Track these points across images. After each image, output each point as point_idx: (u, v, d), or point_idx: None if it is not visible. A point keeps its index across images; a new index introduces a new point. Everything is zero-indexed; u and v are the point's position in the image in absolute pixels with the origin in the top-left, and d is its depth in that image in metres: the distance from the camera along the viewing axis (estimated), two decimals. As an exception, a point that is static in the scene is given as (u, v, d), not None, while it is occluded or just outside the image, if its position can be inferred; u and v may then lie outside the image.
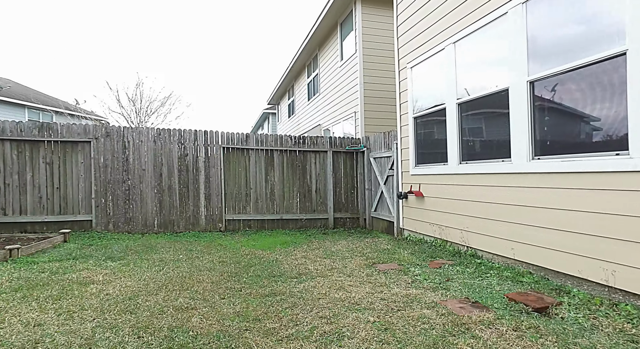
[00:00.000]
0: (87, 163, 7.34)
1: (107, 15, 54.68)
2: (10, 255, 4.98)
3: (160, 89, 22.60)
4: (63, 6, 55.29)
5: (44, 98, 23.33)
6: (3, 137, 6.94)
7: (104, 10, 53.32)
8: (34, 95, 22.76)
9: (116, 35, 54.41)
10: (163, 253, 5.71)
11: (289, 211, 8.37)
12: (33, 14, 53.80)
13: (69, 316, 3.14)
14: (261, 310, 3.30)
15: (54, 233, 6.74)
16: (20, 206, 7.07)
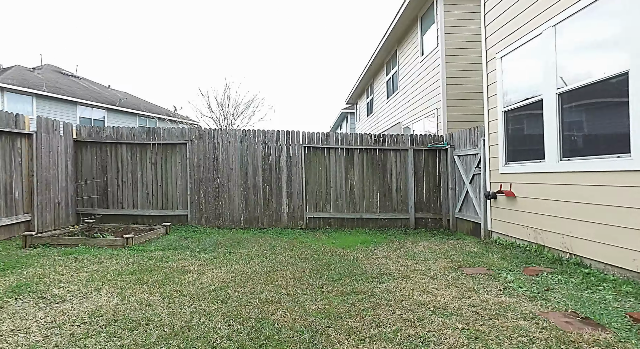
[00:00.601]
0: (184, 163, 8.10)
1: (199, 24, 60.13)
2: (127, 242, 5.71)
3: (246, 92, 24.08)
4: (162, 26, 62.33)
5: (150, 107, 26.36)
6: (120, 141, 7.99)
7: (197, 20, 58.86)
8: (143, 105, 25.86)
9: (207, 42, 59.43)
10: (249, 247, 6.05)
11: (369, 210, 8.30)
12: (140, 34, 61.32)
13: (172, 300, 3.48)
14: (343, 308, 3.30)
15: (157, 225, 7.56)
16: (133, 201, 8.07)
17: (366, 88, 18.23)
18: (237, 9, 61.33)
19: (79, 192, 8.00)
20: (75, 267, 4.56)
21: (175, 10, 58.85)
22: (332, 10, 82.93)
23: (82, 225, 7.15)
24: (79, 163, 8.01)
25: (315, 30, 77.57)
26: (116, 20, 59.34)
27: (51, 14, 52.81)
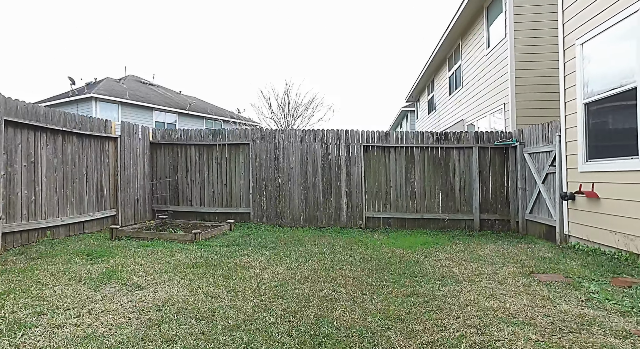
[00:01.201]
0: (247, 162, 8.45)
1: (262, 28, 62.44)
2: (195, 238, 6.09)
3: (305, 93, 24.45)
4: (227, 32, 65.79)
5: (216, 110, 27.92)
6: (189, 142, 8.56)
7: (259, 24, 61.18)
8: (209, 108, 27.48)
9: (270, 44, 61.36)
10: (308, 246, 6.14)
11: (430, 211, 8.02)
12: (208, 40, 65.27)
13: (235, 294, 3.64)
14: (403, 310, 3.21)
15: (222, 222, 7.97)
16: (200, 198, 8.60)
17: (427, 85, 17.62)
18: (298, 12, 62.77)
19: (154, 190, 8.70)
20: (151, 259, 4.96)
21: (239, 17, 61.79)
22: (392, 8, 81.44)
23: (157, 221, 7.76)
24: (154, 163, 8.72)
25: (374, 28, 76.51)
26: (187, 29, 63.87)
27: (134, 29, 58.34)
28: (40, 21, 57.68)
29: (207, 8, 60.81)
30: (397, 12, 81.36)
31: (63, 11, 59.38)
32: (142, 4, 59.34)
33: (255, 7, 62.39)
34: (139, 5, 58.00)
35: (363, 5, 79.77)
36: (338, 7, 64.78)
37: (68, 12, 58.08)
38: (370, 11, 74.14)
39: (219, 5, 61.35)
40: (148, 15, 61.39)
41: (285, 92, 21.85)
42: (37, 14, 57.97)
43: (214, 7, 60.16)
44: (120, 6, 58.59)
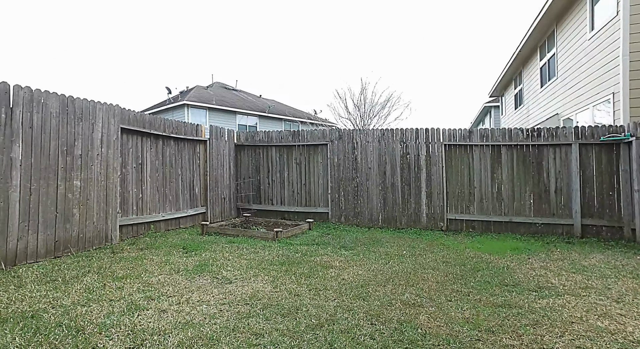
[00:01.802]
0: (325, 163, 8.58)
1: (337, 28, 62.88)
2: (277, 236, 6.36)
3: (382, 92, 24.06)
4: (303, 34, 67.58)
5: (294, 111, 28.89)
6: (271, 143, 8.97)
7: (335, 25, 61.82)
8: (287, 110, 28.54)
9: (345, 44, 61.40)
10: (388, 247, 6.03)
11: (520, 214, 7.36)
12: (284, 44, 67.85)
13: (316, 293, 3.71)
14: (494, 322, 2.99)
15: (301, 221, 8.20)
16: (281, 198, 8.96)
17: (514, 78, 16.21)
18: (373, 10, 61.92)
19: (239, 189, 9.27)
20: (237, 254, 5.29)
21: (316, 19, 63.21)
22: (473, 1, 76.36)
23: (241, 218, 8.25)
24: (238, 164, 9.29)
25: (452, 22, 72.35)
26: (266, 36, 67.14)
27: (220, 39, 63.19)
28: (144, 38, 65.27)
29: (284, 15, 63.16)
30: (478, 3, 76.13)
31: (162, 30, 66.54)
32: (227, 17, 63.96)
33: (330, 9, 63.08)
34: (225, 16, 62.59)
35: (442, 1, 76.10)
36: (416, 2, 62.55)
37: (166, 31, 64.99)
38: (449, 4, 70.41)
39: (296, 11, 63.31)
40: (232, 25, 65.83)
41: (361, 91, 21.75)
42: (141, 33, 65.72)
43: (291, 14, 62.30)
44: (209, 20, 63.81)
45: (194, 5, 62.75)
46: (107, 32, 66.02)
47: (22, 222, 4.57)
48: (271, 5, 64.96)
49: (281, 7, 64.98)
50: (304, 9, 65.12)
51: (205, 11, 64.57)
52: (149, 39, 66.36)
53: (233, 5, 65.70)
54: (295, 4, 64.65)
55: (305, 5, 63.92)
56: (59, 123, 5.00)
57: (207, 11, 64.21)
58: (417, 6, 61.97)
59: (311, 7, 64.94)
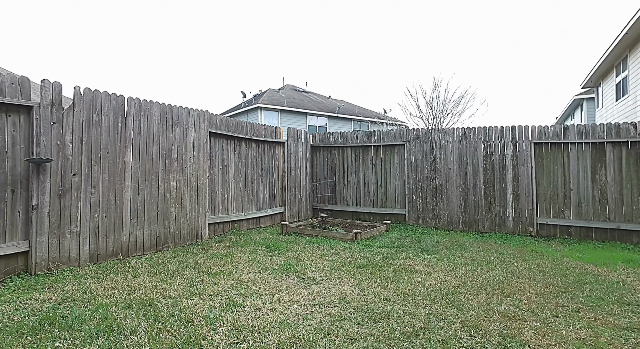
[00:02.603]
0: (401, 163, 8.38)
1: (406, 25, 60.67)
2: (356, 237, 6.35)
3: (455, 88, 22.93)
4: (370, 33, 66.45)
5: (363, 111, 28.75)
6: (346, 144, 9.00)
7: (403, 23, 59.62)
8: (356, 110, 28.50)
9: (416, 41, 59.15)
10: (472, 252, 5.70)
11: (632, 221, 6.49)
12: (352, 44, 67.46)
13: (405, 298, 3.61)
14: (621, 347, 2.65)
15: (377, 222, 8.10)
16: (356, 199, 8.95)
17: (615, 65, 14.36)
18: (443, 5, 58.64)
19: (314, 190, 9.44)
20: (319, 255, 5.36)
21: (384, 19, 61.99)
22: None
23: (318, 219, 8.38)
24: (314, 165, 9.46)
25: (532, 13, 65.22)
26: (335, 37, 67.63)
27: (290, 43, 65.10)
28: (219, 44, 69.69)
29: (354, 16, 62.84)
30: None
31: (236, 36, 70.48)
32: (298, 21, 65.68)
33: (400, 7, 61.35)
34: (295, 20, 64.39)
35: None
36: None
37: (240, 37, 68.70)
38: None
39: (364, 12, 62.61)
40: (302, 28, 67.48)
41: (433, 88, 20.95)
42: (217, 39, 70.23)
43: (360, 14, 61.79)
44: (279, 23, 66.12)
45: (265, 11, 65.36)
46: (185, 39, 71.47)
47: (132, 218, 5.11)
48: (340, 6, 65.12)
49: (350, 7, 64.84)
50: (372, 9, 64.28)
51: (275, 16, 66.98)
52: (224, 45, 70.55)
53: (304, 8, 67.20)
54: (363, 4, 64.05)
55: (373, 5, 62.93)
56: (160, 130, 5.50)
57: (277, 15, 66.51)
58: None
59: (379, 7, 63.80)
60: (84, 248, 4.59)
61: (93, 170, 4.68)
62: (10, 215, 4.04)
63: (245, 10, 65.82)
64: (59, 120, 4.33)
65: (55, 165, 4.30)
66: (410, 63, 51.54)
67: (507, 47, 66.35)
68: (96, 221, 4.71)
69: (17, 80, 4.05)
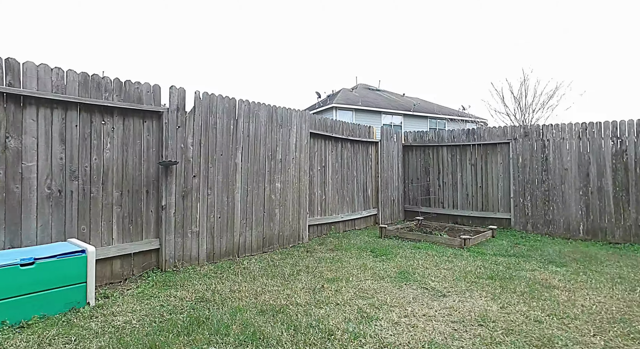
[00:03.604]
0: (505, 163, 7.65)
1: (483, 20, 56.20)
2: (465, 243, 5.87)
3: (548, 80, 20.79)
4: (446, 30, 62.97)
5: (439, 109, 27.47)
6: (441, 143, 8.47)
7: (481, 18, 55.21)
8: (433, 108, 27.32)
9: (501, 35, 54.14)
10: (613, 267, 4.91)
11: None
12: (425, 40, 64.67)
13: (560, 321, 3.13)
14: None
15: (478, 227, 7.48)
16: (452, 201, 8.38)
17: None
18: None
19: (406, 191, 9.03)
20: (432, 262, 4.99)
21: (458, 13, 58.23)
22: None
23: (414, 222, 7.96)
24: (406, 165, 9.05)
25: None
26: (407, 35, 65.51)
27: (362, 43, 64.45)
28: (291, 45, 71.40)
29: (427, 13, 60.27)
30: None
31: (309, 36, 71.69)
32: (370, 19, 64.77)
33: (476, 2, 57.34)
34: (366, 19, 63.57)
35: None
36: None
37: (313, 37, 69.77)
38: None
39: (438, 8, 59.64)
40: (374, 27, 66.43)
41: (522, 82, 19.23)
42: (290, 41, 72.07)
43: (432, 12, 59.01)
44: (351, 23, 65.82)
45: (336, 10, 65.45)
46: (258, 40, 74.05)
47: (242, 219, 5.20)
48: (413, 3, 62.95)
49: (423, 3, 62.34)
50: (445, 4, 61.14)
51: (347, 15, 66.84)
52: (296, 45, 72.10)
53: (376, 6, 66.15)
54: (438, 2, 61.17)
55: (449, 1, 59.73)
56: (266, 131, 5.54)
57: (348, 14, 66.29)
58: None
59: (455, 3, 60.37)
60: (202, 247, 4.73)
61: (209, 172, 4.81)
62: (146, 214, 4.27)
63: (318, 10, 66.52)
64: (183, 124, 4.50)
65: (179, 167, 4.47)
66: (490, 57, 47.56)
67: (611, 33, 58.59)
68: (212, 222, 4.84)
69: (152, 87, 4.27)
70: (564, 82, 22.94)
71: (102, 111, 3.91)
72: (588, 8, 47.23)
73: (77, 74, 3.72)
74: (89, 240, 3.84)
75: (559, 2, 46.23)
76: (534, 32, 49.20)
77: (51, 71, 3.54)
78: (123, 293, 3.68)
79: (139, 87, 4.17)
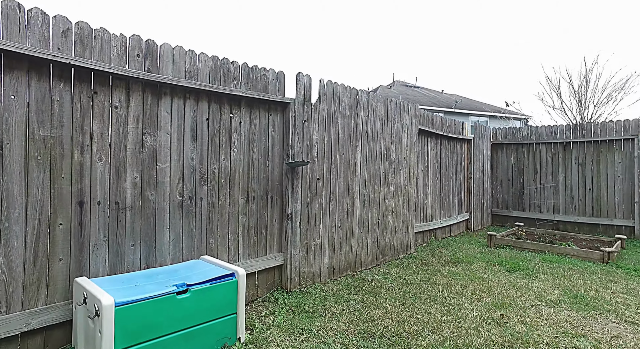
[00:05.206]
0: (625, 163, 6.71)
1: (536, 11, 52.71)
2: (609, 257, 5.00)
3: (616, 71, 19.22)
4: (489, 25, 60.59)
5: (481, 105, 26.26)
6: (539, 140, 7.58)
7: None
8: (475, 104, 26.13)
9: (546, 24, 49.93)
10: None
11: None
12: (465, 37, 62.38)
13: None
14: None
15: (587, 234, 6.58)
16: (552, 205, 7.48)
17: None
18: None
19: (494, 193, 8.18)
20: (592, 281, 4.17)
21: (490, 9, 55.76)
22: None
23: (514, 228, 7.07)
24: (494, 165, 8.20)
25: None
26: (443, 29, 63.55)
27: (399, 40, 62.74)
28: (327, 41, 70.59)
29: (465, 8, 58.23)
30: None
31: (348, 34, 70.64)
32: (406, 16, 63.22)
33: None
34: (402, 14, 62.11)
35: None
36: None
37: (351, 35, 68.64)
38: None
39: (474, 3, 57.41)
40: (411, 22, 64.72)
41: (585, 74, 17.91)
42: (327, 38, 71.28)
43: (470, 5, 56.81)
44: (388, 19, 64.45)
45: (372, 6, 64.23)
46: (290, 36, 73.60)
47: (359, 228, 4.50)
48: None
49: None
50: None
51: (383, 11, 65.43)
52: (334, 43, 70.67)
53: (413, 3, 64.49)
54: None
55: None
56: (382, 127, 4.83)
57: (385, 10, 64.94)
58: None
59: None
60: (324, 262, 4.06)
61: (332, 174, 4.13)
62: (270, 224, 3.63)
63: (355, 6, 65.38)
64: (309, 117, 3.84)
65: (305, 168, 3.81)
66: (546, 49, 44.49)
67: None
68: (333, 232, 4.17)
69: (276, 75, 3.62)
70: (636, 72, 20.99)
71: (231, 102, 3.28)
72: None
73: (209, 58, 3.09)
74: (217, 255, 3.22)
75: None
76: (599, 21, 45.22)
77: (185, 55, 2.92)
78: (263, 322, 3.03)
79: (265, 73, 3.52)
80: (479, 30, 61.49)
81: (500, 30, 58.74)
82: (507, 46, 56.08)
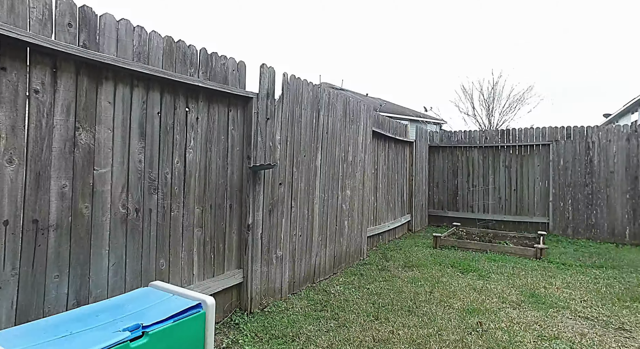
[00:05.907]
0: (543, 166, 7.40)
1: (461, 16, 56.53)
2: (541, 253, 5.38)
3: (516, 84, 21.57)
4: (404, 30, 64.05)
5: (402, 109, 27.73)
6: (472, 144, 8.03)
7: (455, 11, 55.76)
8: (397, 108, 27.48)
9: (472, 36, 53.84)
10: None
11: None
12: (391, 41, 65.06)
13: None
14: None
15: (512, 232, 7.15)
16: (483, 205, 7.98)
17: None
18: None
19: (431, 195, 8.48)
20: (536, 279, 4.40)
21: (419, 15, 59.34)
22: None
23: (452, 229, 7.38)
24: (432, 166, 8.50)
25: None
26: (368, 34, 65.57)
27: (325, 39, 63.09)
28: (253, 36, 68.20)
29: (388, 13, 60.89)
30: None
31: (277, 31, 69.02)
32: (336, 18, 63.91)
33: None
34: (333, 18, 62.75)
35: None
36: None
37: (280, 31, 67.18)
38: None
39: (400, 9, 60.39)
40: (338, 25, 65.79)
41: (493, 85, 19.83)
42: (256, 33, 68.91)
43: (393, 13, 59.63)
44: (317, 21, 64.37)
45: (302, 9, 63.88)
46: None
47: (318, 236, 4.19)
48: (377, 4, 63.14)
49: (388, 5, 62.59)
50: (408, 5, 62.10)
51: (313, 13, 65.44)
52: (260, 41, 68.87)
53: (339, 4, 65.48)
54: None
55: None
56: (341, 127, 4.57)
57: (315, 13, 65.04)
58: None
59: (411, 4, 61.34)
60: (285, 276, 3.68)
61: (294, 178, 3.76)
62: (228, 237, 3.13)
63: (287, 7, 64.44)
64: (272, 115, 3.41)
65: (268, 172, 3.38)
66: (458, 60, 48.15)
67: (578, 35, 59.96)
68: (294, 242, 3.80)
69: (237, 65, 3.13)
70: (534, 86, 23.82)
71: (187, 94, 2.73)
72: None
73: (162, 38, 2.52)
74: (168, 279, 2.65)
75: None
76: (504, 38, 50.70)
77: (133, 31, 2.32)
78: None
79: (225, 62, 3.02)
80: (401, 37, 65.28)
81: (422, 38, 63.08)
82: (429, 54, 60.35)
